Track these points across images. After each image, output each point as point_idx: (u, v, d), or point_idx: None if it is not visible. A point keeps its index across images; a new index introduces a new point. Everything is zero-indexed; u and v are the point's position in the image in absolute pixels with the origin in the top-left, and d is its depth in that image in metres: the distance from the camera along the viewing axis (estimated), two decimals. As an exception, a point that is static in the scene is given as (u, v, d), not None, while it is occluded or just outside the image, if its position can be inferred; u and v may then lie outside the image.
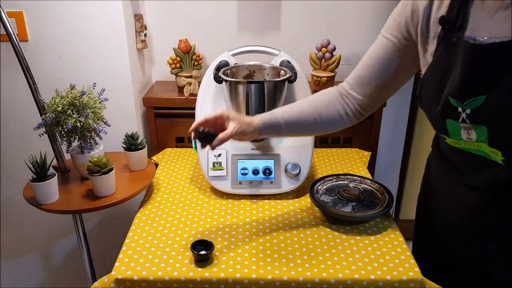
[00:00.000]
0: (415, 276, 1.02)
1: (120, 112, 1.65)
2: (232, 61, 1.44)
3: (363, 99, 1.07)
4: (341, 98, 1.09)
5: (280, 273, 1.03)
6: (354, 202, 1.26)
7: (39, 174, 1.23)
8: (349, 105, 1.09)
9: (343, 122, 1.11)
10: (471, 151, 0.90)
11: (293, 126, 1.08)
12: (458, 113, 0.84)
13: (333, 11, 1.79)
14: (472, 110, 0.82)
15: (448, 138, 0.93)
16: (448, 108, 0.86)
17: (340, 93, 1.09)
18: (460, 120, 0.85)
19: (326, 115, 1.08)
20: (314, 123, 1.08)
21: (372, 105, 1.09)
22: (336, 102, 1.09)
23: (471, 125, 0.84)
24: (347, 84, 1.09)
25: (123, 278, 1.03)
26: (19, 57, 1.28)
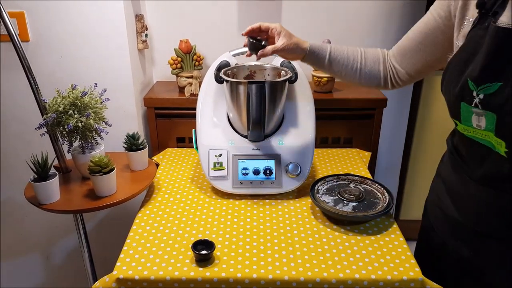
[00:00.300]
0: (416, 276, 1.03)
1: (121, 112, 1.66)
2: (233, 61, 1.44)
3: (401, 70, 1.15)
4: (384, 62, 1.19)
5: (281, 273, 1.03)
6: (355, 202, 1.26)
7: (40, 174, 1.23)
8: (389, 71, 1.18)
9: (379, 82, 1.20)
10: (478, 140, 0.91)
11: (336, 65, 1.18)
12: (473, 97, 0.86)
13: (334, 11, 1.79)
14: (485, 95, 0.84)
15: (459, 124, 0.94)
16: (464, 91, 0.88)
17: (383, 57, 1.19)
18: (473, 105, 0.87)
19: (369, 68, 1.19)
20: (356, 70, 1.19)
21: (408, 78, 1.16)
22: (381, 62, 1.19)
23: (482, 110, 0.86)
24: (391, 52, 1.18)
25: (124, 277, 1.03)
26: (21, 57, 1.28)
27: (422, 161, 2.18)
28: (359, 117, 1.75)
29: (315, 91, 1.76)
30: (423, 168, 2.19)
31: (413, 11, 1.79)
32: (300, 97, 1.42)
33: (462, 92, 0.89)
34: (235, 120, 1.37)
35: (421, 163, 2.19)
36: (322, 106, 1.65)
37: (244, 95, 1.28)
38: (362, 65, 1.18)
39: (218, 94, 1.42)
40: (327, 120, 1.71)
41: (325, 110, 1.69)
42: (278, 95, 1.32)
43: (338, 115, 1.74)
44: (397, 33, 1.81)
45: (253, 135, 1.30)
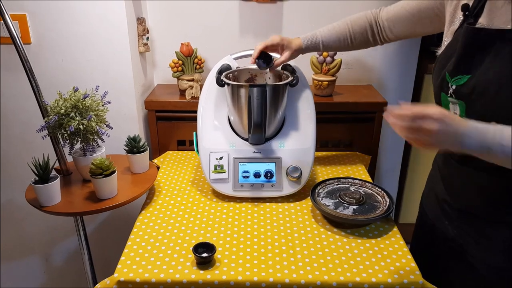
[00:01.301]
0: (416, 279, 1.03)
1: (122, 115, 1.66)
2: (234, 64, 1.44)
3: (390, 33, 1.28)
4: (371, 27, 1.30)
5: (281, 276, 1.03)
6: (355, 206, 1.26)
7: (41, 176, 1.23)
8: (377, 31, 1.31)
9: (369, 45, 1.36)
10: None
11: (330, 48, 1.35)
12: (448, 88, 0.98)
13: (335, 15, 1.80)
14: (457, 86, 0.96)
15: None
16: (443, 82, 0.99)
17: (370, 22, 1.30)
18: (449, 95, 0.98)
19: (359, 39, 1.33)
20: (348, 45, 1.34)
21: (395, 39, 1.31)
22: (368, 30, 1.31)
23: (455, 100, 0.97)
24: (385, 14, 1.28)
25: (125, 280, 1.03)
26: (22, 59, 1.29)
27: (422, 165, 2.18)
28: (359, 120, 1.75)
29: (316, 95, 1.76)
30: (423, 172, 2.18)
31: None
32: (300, 100, 1.42)
33: (441, 83, 1.00)
34: (236, 123, 1.38)
35: (421, 167, 2.19)
36: (322, 109, 1.66)
37: (245, 98, 1.28)
38: (352, 39, 1.33)
39: (219, 97, 1.42)
40: (327, 123, 1.72)
41: (325, 114, 1.70)
42: (279, 98, 1.32)
43: (338, 118, 1.74)
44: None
45: (254, 138, 1.31)
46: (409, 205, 2.29)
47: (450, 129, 0.82)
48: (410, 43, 1.88)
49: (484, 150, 0.83)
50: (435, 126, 0.81)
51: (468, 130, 0.83)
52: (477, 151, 0.84)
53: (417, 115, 0.82)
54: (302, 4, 1.77)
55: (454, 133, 0.82)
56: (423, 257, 1.19)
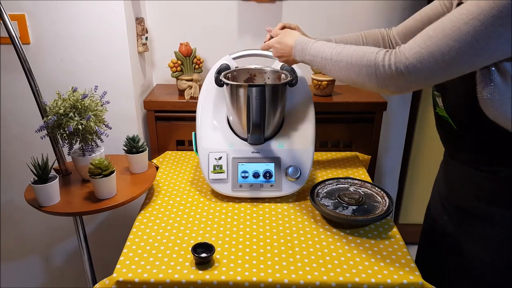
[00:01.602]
0: (416, 279, 1.03)
1: (121, 115, 1.66)
2: (233, 64, 1.44)
3: None
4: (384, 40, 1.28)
5: (280, 276, 1.03)
6: (355, 206, 1.26)
7: (40, 176, 1.23)
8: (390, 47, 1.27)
9: None
10: (445, 119, 1.04)
11: None
12: None
13: (334, 15, 1.80)
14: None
15: (438, 108, 1.07)
16: None
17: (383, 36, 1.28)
18: (434, 89, 1.05)
19: None
20: None
21: None
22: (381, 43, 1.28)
23: (437, 92, 1.03)
24: (396, 29, 1.26)
25: (124, 280, 1.03)
26: (21, 59, 1.28)
27: (422, 165, 2.18)
28: (359, 120, 1.75)
29: (315, 95, 1.76)
30: (423, 172, 2.19)
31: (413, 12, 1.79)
32: (300, 100, 1.42)
33: None
34: (235, 123, 1.38)
35: (421, 167, 2.18)
36: (322, 109, 1.66)
37: (244, 98, 1.28)
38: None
39: (218, 97, 1.42)
40: (327, 123, 1.72)
41: (325, 114, 1.70)
42: (278, 98, 1.32)
43: (338, 118, 1.74)
44: (396, 37, 1.81)
45: (253, 138, 1.31)
46: (409, 205, 2.29)
47: (284, 46, 1.19)
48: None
49: (305, 59, 1.12)
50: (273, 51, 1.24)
51: (295, 44, 1.15)
52: (302, 60, 1.14)
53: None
54: (301, 4, 1.77)
55: (289, 49, 1.17)
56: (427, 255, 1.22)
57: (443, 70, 0.84)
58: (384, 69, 0.90)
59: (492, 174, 0.97)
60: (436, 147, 2.12)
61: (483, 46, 0.79)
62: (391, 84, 0.91)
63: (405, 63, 0.86)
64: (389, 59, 0.89)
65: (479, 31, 0.78)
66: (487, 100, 0.87)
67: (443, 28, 0.82)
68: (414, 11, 1.28)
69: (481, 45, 0.79)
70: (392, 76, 0.89)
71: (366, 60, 0.94)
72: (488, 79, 0.86)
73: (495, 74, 0.85)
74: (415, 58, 0.85)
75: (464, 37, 0.79)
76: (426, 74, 0.86)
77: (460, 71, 0.85)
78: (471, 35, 0.79)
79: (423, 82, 0.88)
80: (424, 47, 0.84)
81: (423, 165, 2.18)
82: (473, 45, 0.79)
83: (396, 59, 0.88)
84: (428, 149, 2.13)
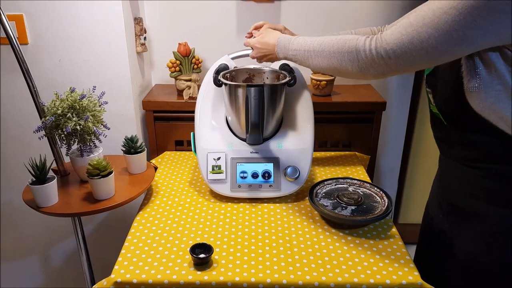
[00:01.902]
0: (415, 280, 1.02)
1: (119, 115, 1.65)
2: (232, 64, 1.44)
3: None
4: None
5: (279, 277, 1.03)
6: (353, 206, 1.26)
7: (38, 177, 1.23)
8: None
9: None
10: (437, 116, 1.04)
11: None
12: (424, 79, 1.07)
13: (333, 14, 1.79)
14: (427, 76, 1.05)
15: (431, 105, 1.08)
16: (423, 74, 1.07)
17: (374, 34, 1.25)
18: (426, 86, 1.07)
19: None
20: None
21: None
22: None
23: (428, 89, 1.05)
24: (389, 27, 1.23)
25: (122, 281, 1.03)
26: (19, 60, 1.28)
27: (422, 165, 2.18)
28: (358, 120, 1.75)
29: (314, 95, 1.76)
30: (423, 172, 2.19)
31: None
32: (298, 100, 1.42)
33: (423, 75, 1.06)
34: (233, 123, 1.37)
35: (421, 167, 2.18)
36: (321, 109, 1.65)
37: (242, 98, 1.28)
38: None
39: (216, 97, 1.41)
40: (326, 123, 1.71)
41: (324, 114, 1.69)
42: (277, 98, 1.32)
43: (337, 118, 1.74)
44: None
45: (251, 138, 1.30)
46: (409, 205, 2.28)
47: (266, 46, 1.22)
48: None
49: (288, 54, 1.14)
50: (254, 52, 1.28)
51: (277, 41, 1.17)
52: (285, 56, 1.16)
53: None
54: (300, 4, 1.76)
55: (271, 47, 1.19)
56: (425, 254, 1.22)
57: (422, 57, 0.86)
58: (365, 53, 0.93)
59: (481, 170, 0.97)
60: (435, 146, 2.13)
61: (461, 36, 0.80)
62: (372, 68, 0.94)
63: (385, 48, 0.89)
64: (370, 44, 0.92)
65: (457, 20, 0.79)
66: (473, 92, 0.89)
67: (424, 16, 0.84)
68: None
69: (459, 35, 0.80)
70: (373, 61, 0.92)
71: (348, 47, 0.97)
72: (474, 71, 0.88)
73: (480, 66, 0.87)
74: (395, 44, 0.88)
75: (442, 26, 0.81)
76: (405, 60, 0.88)
77: (440, 59, 0.87)
78: (449, 25, 0.80)
79: (403, 67, 0.90)
80: (404, 34, 0.86)
81: (423, 164, 2.18)
82: (451, 34, 0.81)
83: (377, 44, 0.91)
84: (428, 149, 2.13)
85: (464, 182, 1.03)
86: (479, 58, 0.87)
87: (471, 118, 0.92)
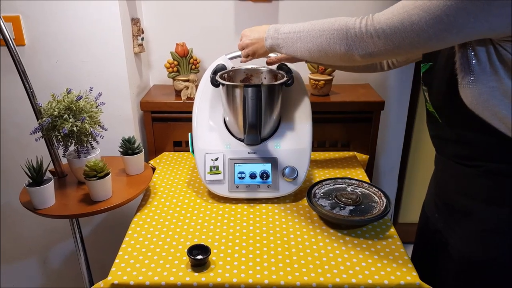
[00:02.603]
0: (413, 280, 1.02)
1: (117, 116, 1.65)
2: (229, 64, 1.43)
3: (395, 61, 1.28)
4: None
5: (277, 278, 1.02)
6: (352, 206, 1.25)
7: (35, 178, 1.22)
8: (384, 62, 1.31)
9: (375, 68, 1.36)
10: (433, 114, 1.05)
11: None
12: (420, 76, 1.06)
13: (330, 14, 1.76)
14: (423, 73, 1.05)
15: (427, 103, 1.08)
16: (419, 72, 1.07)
17: None
18: (422, 83, 1.06)
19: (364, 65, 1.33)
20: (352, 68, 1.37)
21: (402, 62, 1.31)
22: None
23: (424, 87, 1.05)
24: None
25: (119, 283, 1.02)
26: (16, 62, 1.28)
27: (421, 164, 2.17)
28: (357, 120, 1.74)
29: (312, 94, 1.75)
30: (422, 171, 2.18)
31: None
32: (296, 100, 1.41)
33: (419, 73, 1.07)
34: (231, 123, 1.37)
35: (420, 166, 2.18)
36: (319, 109, 1.65)
37: (240, 99, 1.27)
38: None
39: (214, 97, 1.41)
40: (324, 123, 1.71)
41: (322, 113, 1.69)
42: (275, 98, 1.31)
43: (335, 118, 1.73)
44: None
45: (249, 138, 1.30)
46: (409, 204, 2.28)
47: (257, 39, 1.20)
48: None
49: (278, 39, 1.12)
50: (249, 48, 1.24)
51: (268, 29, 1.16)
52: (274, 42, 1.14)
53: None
54: (298, 4, 1.76)
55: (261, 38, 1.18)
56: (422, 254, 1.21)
57: (411, 40, 0.85)
58: (355, 31, 0.93)
59: (477, 169, 0.97)
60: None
61: (452, 21, 0.80)
62: (360, 47, 0.93)
63: (375, 27, 0.89)
64: (361, 22, 0.92)
65: (448, 5, 0.79)
66: (466, 88, 0.89)
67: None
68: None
69: (450, 20, 0.80)
70: (362, 39, 0.92)
71: (338, 25, 0.97)
72: (468, 67, 0.88)
73: (474, 62, 0.87)
74: (385, 24, 0.88)
75: (434, 9, 0.80)
76: (394, 41, 0.87)
77: (428, 44, 0.86)
78: (440, 9, 0.80)
79: (391, 48, 0.89)
80: (396, 14, 0.86)
81: (422, 163, 2.17)
82: (442, 18, 0.80)
83: (367, 22, 0.91)
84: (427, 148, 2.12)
85: (460, 181, 1.03)
86: (474, 54, 0.86)
87: (465, 116, 0.92)
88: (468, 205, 1.01)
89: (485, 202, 0.97)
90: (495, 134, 0.90)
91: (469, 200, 1.00)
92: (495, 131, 0.89)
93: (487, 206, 0.97)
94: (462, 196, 1.02)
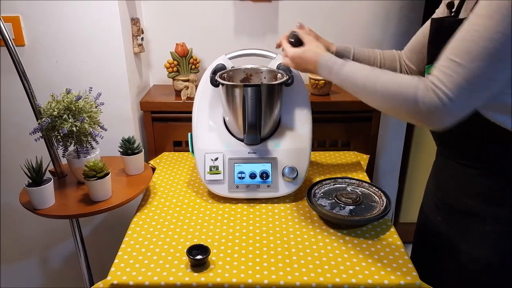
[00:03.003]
0: (413, 280, 1.02)
1: (117, 116, 1.65)
2: (229, 64, 1.43)
3: (413, 67, 1.26)
4: (400, 61, 1.29)
5: (276, 278, 1.02)
6: (352, 206, 1.25)
7: (35, 178, 1.22)
8: (404, 68, 1.28)
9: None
10: None
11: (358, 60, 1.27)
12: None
13: (331, 14, 1.78)
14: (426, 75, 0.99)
15: None
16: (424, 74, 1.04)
17: (399, 56, 1.29)
18: None
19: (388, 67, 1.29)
20: None
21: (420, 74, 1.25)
22: (397, 61, 1.29)
23: None
24: (403, 52, 1.29)
25: (118, 283, 1.02)
26: (15, 62, 1.28)
27: (422, 163, 2.17)
28: (357, 119, 1.74)
29: (312, 94, 1.75)
30: (423, 170, 2.18)
31: (411, 13, 1.78)
32: (296, 100, 1.41)
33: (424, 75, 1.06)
34: (231, 123, 1.36)
35: (421, 165, 2.18)
36: (319, 109, 1.65)
37: (239, 98, 1.27)
38: (382, 64, 1.29)
39: (214, 97, 1.41)
40: (324, 123, 1.71)
41: (322, 113, 1.68)
42: (274, 98, 1.31)
43: (335, 118, 1.73)
44: (394, 35, 1.80)
45: (249, 138, 1.29)
46: (409, 204, 2.28)
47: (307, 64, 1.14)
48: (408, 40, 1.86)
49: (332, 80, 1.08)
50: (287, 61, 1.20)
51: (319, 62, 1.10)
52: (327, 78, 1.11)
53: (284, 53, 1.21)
54: (298, 4, 1.76)
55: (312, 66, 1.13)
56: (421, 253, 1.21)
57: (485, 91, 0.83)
58: (425, 105, 0.86)
59: (477, 170, 0.97)
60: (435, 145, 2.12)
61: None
62: (434, 119, 0.87)
63: (449, 95, 0.83)
64: (428, 94, 0.85)
65: (504, 43, 0.76)
66: None
67: (467, 51, 0.80)
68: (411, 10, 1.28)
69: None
70: (435, 111, 0.85)
71: (405, 96, 0.90)
72: None
73: None
74: (456, 90, 0.82)
75: (494, 53, 0.78)
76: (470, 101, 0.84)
77: (498, 84, 0.83)
78: (498, 50, 0.77)
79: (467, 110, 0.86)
80: (456, 76, 0.81)
81: (423, 163, 2.17)
82: (504, 58, 0.78)
83: (435, 94, 0.84)
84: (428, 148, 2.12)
85: (460, 181, 1.02)
86: None
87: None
88: (468, 205, 1.01)
89: (485, 202, 0.97)
90: (499, 135, 0.90)
91: (469, 200, 1.00)
92: (496, 131, 0.89)
93: (487, 206, 0.97)
94: (462, 196, 1.02)
